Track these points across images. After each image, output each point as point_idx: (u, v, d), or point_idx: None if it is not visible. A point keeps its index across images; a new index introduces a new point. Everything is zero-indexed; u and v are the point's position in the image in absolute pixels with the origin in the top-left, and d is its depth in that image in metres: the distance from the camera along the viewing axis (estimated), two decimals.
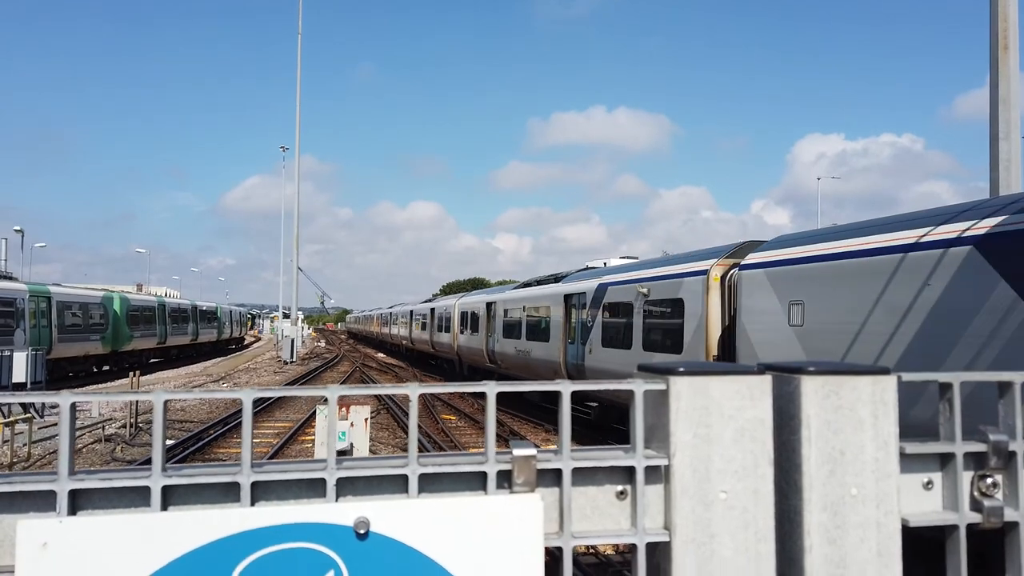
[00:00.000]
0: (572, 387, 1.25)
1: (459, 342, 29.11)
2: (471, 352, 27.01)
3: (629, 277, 14.56)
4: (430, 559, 1.12)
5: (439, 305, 35.17)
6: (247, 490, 1.12)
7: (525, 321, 20.53)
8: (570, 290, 17.49)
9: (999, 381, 1.35)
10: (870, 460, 1.26)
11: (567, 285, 17.94)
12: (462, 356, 29.08)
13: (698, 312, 11.48)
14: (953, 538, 1.31)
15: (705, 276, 11.51)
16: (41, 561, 1.01)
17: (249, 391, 1.13)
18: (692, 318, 11.65)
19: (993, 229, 6.93)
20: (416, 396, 1.20)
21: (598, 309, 15.41)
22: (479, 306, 26.28)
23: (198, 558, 1.06)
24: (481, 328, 25.47)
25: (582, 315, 16.34)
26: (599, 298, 15.50)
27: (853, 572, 1.24)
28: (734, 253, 11.46)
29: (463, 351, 28.54)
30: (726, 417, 1.25)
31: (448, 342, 31.26)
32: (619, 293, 14.69)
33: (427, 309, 38.04)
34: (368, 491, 1.19)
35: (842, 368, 1.28)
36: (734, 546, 1.23)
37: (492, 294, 25.62)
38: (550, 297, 18.86)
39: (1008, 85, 9.97)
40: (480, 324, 25.66)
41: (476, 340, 26.09)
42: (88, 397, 1.10)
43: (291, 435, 15.89)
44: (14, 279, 29.22)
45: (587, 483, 1.26)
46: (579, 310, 16.64)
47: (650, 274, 13.60)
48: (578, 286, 17.07)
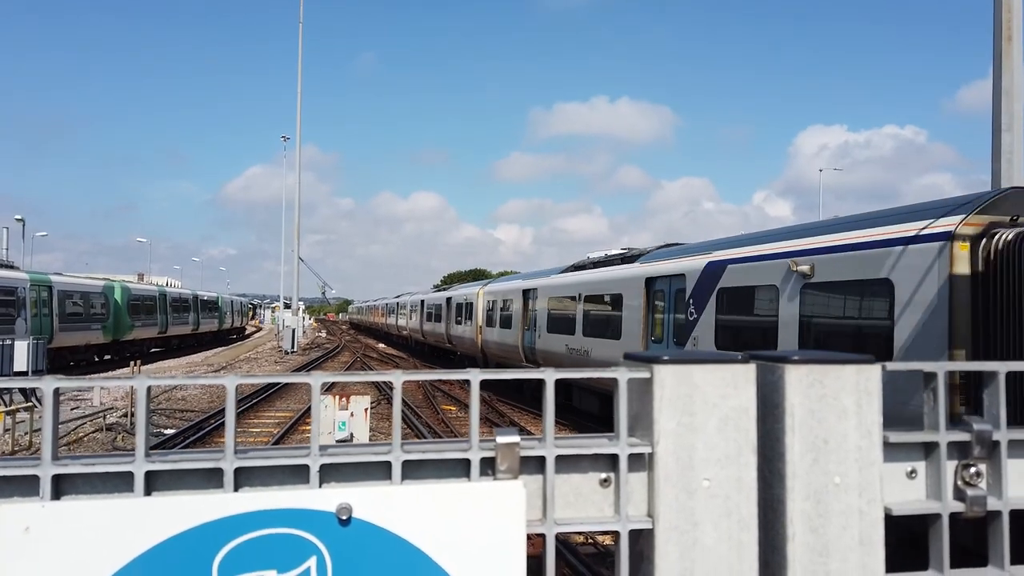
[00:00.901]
0: (556, 375, 1.25)
1: (485, 337, 25.01)
2: (501, 349, 22.71)
3: (768, 251, 9.99)
4: (412, 545, 1.13)
5: (457, 294, 30.55)
6: (230, 476, 1.12)
7: (583, 313, 16.36)
8: (656, 272, 13.25)
9: (984, 371, 1.35)
10: (853, 449, 1.26)
11: (648, 266, 13.71)
12: (488, 353, 24.71)
13: (928, 301, 7.08)
14: (936, 527, 1.31)
15: (945, 243, 6.97)
16: (23, 545, 1.01)
17: (232, 377, 1.13)
18: (913, 311, 7.28)
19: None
20: (400, 383, 1.20)
21: (708, 297, 11.16)
22: (512, 294, 21.91)
23: (181, 543, 1.06)
24: (515, 321, 21.27)
25: (678, 305, 12.22)
26: (709, 282, 11.20)
27: (835, 560, 1.25)
28: (990, 205, 6.99)
29: (490, 347, 24.32)
30: (710, 405, 1.25)
31: (470, 336, 27.04)
32: (749, 274, 10.20)
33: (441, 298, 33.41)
34: (352, 478, 1.19)
35: (826, 357, 1.28)
36: (717, 534, 1.24)
37: (529, 279, 21.29)
38: (623, 282, 14.52)
39: (1011, 76, 9.93)
40: (513, 316, 21.51)
41: (508, 335, 21.84)
42: (72, 383, 1.11)
43: (292, 424, 15.94)
44: (15, 268, 29.26)
45: (571, 470, 1.26)
46: (671, 299, 12.60)
47: (816, 243, 9.04)
48: (667, 267, 12.85)
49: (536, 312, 19.68)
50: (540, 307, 19.34)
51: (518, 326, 21.02)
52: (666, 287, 12.83)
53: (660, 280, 13.08)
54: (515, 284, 22.59)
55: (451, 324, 30.59)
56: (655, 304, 13.31)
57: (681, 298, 12.08)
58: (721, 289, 10.88)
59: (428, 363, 35.90)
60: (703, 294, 11.34)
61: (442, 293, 35.01)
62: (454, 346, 30.86)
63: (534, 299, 20.04)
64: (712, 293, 11.07)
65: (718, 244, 11.90)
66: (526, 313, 20.64)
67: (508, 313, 22.26)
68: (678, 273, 12.27)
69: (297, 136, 44.03)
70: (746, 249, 10.65)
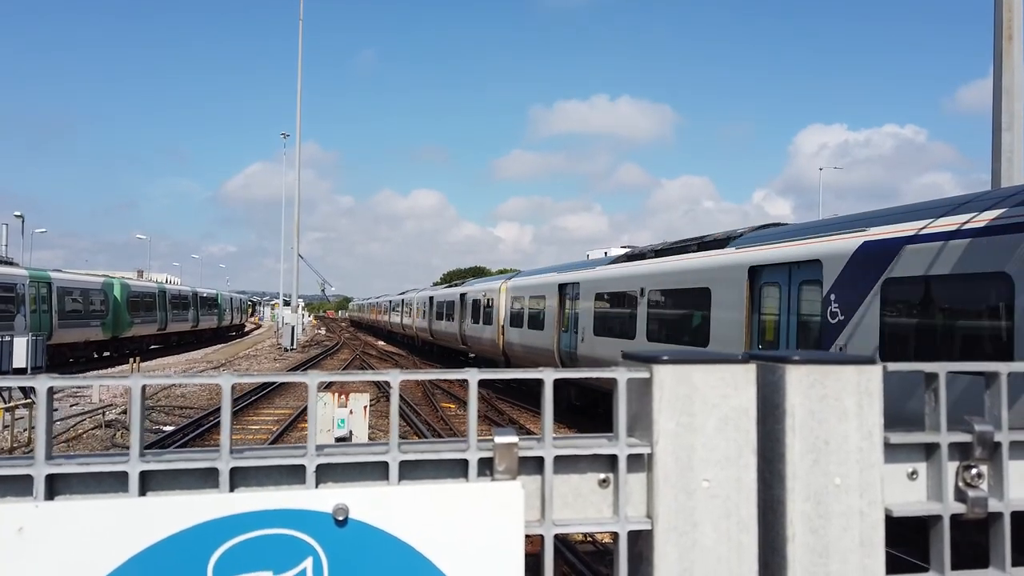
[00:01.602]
0: (555, 375, 1.24)
1: (509, 338, 21.83)
2: (530, 353, 19.71)
3: (985, 221, 6.91)
4: (409, 546, 1.12)
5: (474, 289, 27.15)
6: (226, 476, 1.11)
7: (646, 312, 13.45)
8: (765, 259, 10.31)
9: (985, 371, 1.34)
10: (854, 450, 1.26)
11: (750, 252, 10.79)
12: (513, 356, 21.70)
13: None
14: (937, 528, 1.31)
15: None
16: (17, 545, 1.00)
17: (228, 376, 1.12)
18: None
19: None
20: (397, 382, 1.19)
21: (864, 292, 8.29)
22: (545, 290, 18.82)
23: (176, 543, 1.05)
24: (549, 320, 18.31)
25: (806, 303, 9.52)
26: (866, 271, 8.32)
27: (835, 561, 1.24)
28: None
29: (515, 350, 21.23)
30: (710, 406, 1.24)
31: (490, 337, 23.63)
32: (952, 258, 7.16)
33: (454, 295, 30.08)
34: (349, 478, 1.18)
35: (827, 358, 1.27)
36: (716, 535, 1.23)
37: (566, 272, 18.35)
38: (713, 273, 11.42)
39: (1012, 75, 9.92)
40: (546, 315, 18.50)
41: (540, 338, 18.92)
42: (64, 382, 1.10)
43: (291, 422, 15.94)
44: (15, 264, 29.24)
45: (569, 471, 1.25)
46: (792, 294, 9.81)
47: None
48: (784, 252, 9.97)
49: (578, 311, 16.62)
50: (584, 305, 16.26)
51: (553, 327, 17.99)
52: (782, 279, 10.04)
53: (772, 269, 10.11)
54: (548, 278, 19.12)
55: (466, 323, 27.27)
56: (763, 301, 10.47)
57: (812, 293, 9.39)
58: (891, 280, 7.99)
59: (428, 361, 35.89)
60: (854, 287, 8.49)
61: (454, 288, 31.43)
62: (469, 347, 27.64)
63: (574, 295, 16.94)
64: (873, 285, 8.19)
65: (876, 217, 8.95)
66: (562, 312, 17.70)
67: (539, 311, 19.16)
68: (808, 259, 9.39)
69: (297, 134, 44.02)
70: (943, 223, 7.50)
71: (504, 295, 22.57)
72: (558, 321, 17.92)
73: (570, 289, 17.52)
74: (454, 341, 30.03)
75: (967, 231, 7.24)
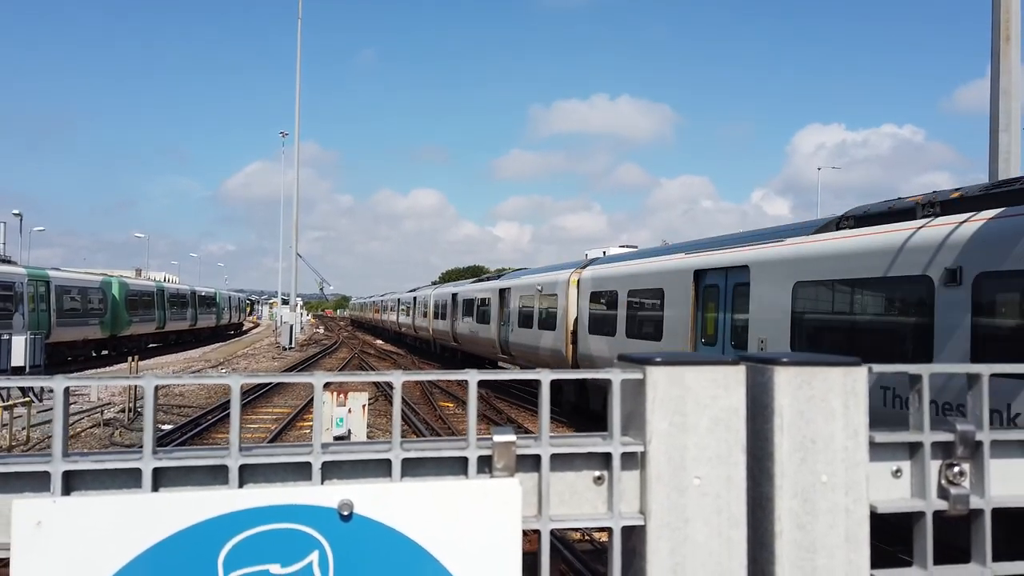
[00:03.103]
0: (551, 375, 1.29)
1: (587, 350, 15.67)
2: None
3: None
4: (412, 540, 1.16)
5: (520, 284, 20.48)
6: (235, 473, 1.16)
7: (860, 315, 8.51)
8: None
9: (968, 373, 1.39)
10: (840, 449, 1.30)
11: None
12: None
13: None
14: (920, 524, 1.35)
15: None
16: (36, 539, 1.05)
17: (237, 377, 1.17)
18: None
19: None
20: (399, 383, 1.24)
21: None
22: (661, 280, 12.44)
23: (187, 537, 1.10)
24: (674, 325, 11.88)
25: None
26: None
27: (822, 556, 1.29)
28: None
29: (597, 363, 14.83)
30: (701, 406, 1.29)
31: (551, 347, 17.51)
32: None
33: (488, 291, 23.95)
34: (353, 475, 1.23)
35: (814, 359, 1.31)
36: (707, 531, 1.28)
37: (702, 251, 11.71)
38: (909, 255, 7.44)
39: (1009, 77, 9.97)
40: (671, 318, 12.01)
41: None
42: (82, 382, 1.14)
43: (289, 421, 15.98)
44: (13, 263, 29.25)
45: (565, 468, 1.30)
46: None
47: None
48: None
49: (756, 308, 9.83)
50: (765, 299, 9.64)
51: (679, 334, 11.64)
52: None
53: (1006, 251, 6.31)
54: (666, 263, 12.62)
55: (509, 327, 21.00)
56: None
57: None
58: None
59: (428, 361, 35.95)
60: None
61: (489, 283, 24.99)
62: (513, 357, 21.43)
63: (732, 287, 10.47)
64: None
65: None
66: (700, 311, 11.39)
67: (652, 312, 12.81)
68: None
69: (296, 133, 44.03)
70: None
71: (576, 289, 16.37)
72: (692, 326, 11.42)
73: (721, 278, 10.81)
74: (488, 348, 23.60)
75: None
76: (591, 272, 16.07)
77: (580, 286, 16.37)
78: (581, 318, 16.11)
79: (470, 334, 26.02)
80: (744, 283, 10.08)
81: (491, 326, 23.15)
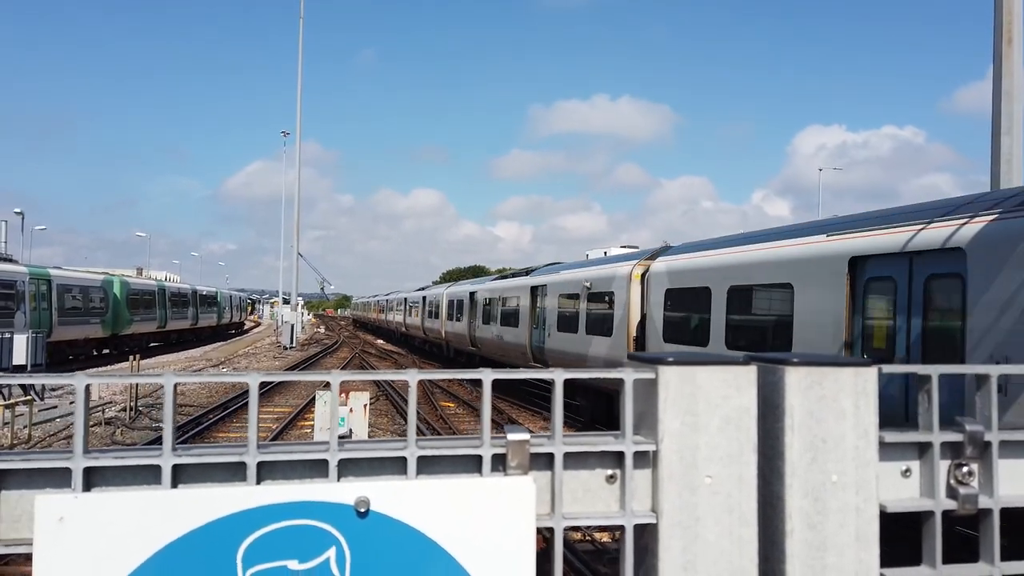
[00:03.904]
0: (565, 375, 1.30)
1: None
2: None
3: None
4: (427, 537, 1.18)
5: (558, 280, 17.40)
6: (253, 470, 1.17)
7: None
8: None
9: (976, 374, 1.40)
10: (850, 448, 1.31)
11: None
12: None
13: None
14: (929, 524, 1.37)
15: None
16: (58, 534, 1.06)
17: (255, 375, 1.18)
18: None
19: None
20: (415, 382, 1.25)
21: None
22: (810, 267, 8.90)
23: (206, 533, 1.11)
24: (829, 329, 8.38)
25: None
26: None
27: (832, 555, 1.30)
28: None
29: None
30: (712, 406, 1.30)
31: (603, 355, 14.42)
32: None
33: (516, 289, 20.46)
34: (368, 472, 1.24)
35: (825, 360, 1.33)
36: (718, 529, 1.29)
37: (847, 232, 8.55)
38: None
39: (1011, 79, 9.97)
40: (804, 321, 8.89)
41: None
42: (103, 379, 1.15)
43: (290, 420, 16.00)
44: (14, 262, 29.27)
45: (578, 467, 1.31)
46: None
47: None
48: None
49: (982, 312, 6.60)
50: (1001, 297, 6.41)
51: (819, 345, 8.58)
52: None
53: None
54: (795, 247, 9.45)
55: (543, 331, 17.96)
56: None
57: None
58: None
59: (428, 360, 35.95)
60: None
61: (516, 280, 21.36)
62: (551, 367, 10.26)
63: (925, 280, 7.44)
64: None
65: None
66: (859, 315, 8.17)
67: (764, 316, 10.11)
68: None
69: (297, 132, 44.05)
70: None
71: (641, 285, 13.38)
72: (850, 336, 8.17)
73: (915, 266, 7.56)
74: (517, 355, 19.95)
75: None
76: (665, 264, 12.75)
77: (648, 281, 13.11)
78: (651, 322, 12.80)
79: (494, 339, 22.27)
80: (951, 274, 6.98)
81: (521, 329, 19.46)
